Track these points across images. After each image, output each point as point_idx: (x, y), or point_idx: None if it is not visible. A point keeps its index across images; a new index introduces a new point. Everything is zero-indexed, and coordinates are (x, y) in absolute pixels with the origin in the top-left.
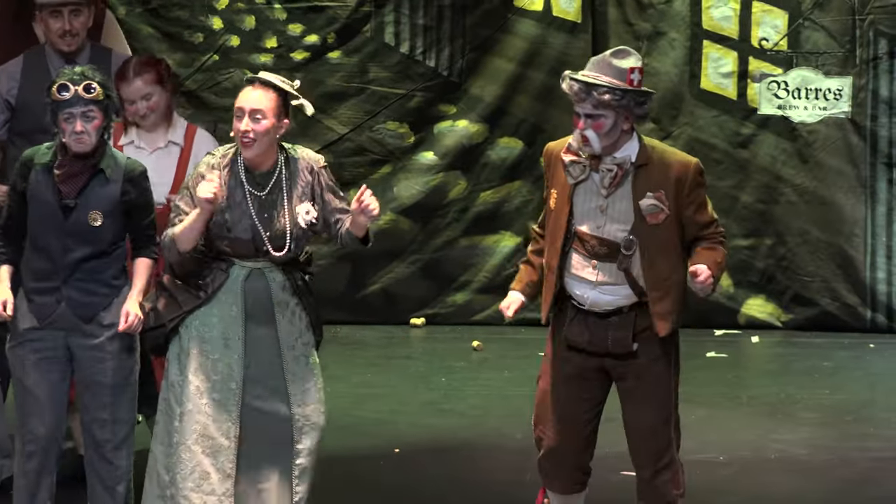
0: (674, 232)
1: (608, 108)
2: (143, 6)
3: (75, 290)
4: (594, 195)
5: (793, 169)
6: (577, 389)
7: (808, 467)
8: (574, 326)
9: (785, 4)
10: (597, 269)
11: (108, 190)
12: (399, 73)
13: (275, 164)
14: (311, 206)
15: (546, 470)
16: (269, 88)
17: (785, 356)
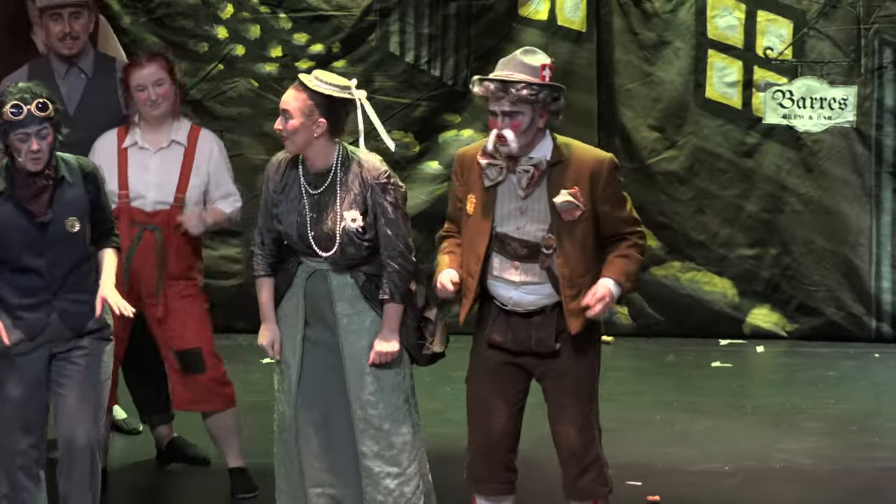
0: (590, 229)
1: (525, 104)
2: (148, 16)
3: (66, 301)
4: (512, 197)
5: (797, 178)
6: (502, 387)
7: (812, 477)
8: (497, 326)
9: (790, 14)
10: (519, 269)
11: (73, 194)
12: (404, 83)
13: (330, 165)
14: (358, 216)
15: (476, 473)
16: (301, 89)
17: (790, 366)
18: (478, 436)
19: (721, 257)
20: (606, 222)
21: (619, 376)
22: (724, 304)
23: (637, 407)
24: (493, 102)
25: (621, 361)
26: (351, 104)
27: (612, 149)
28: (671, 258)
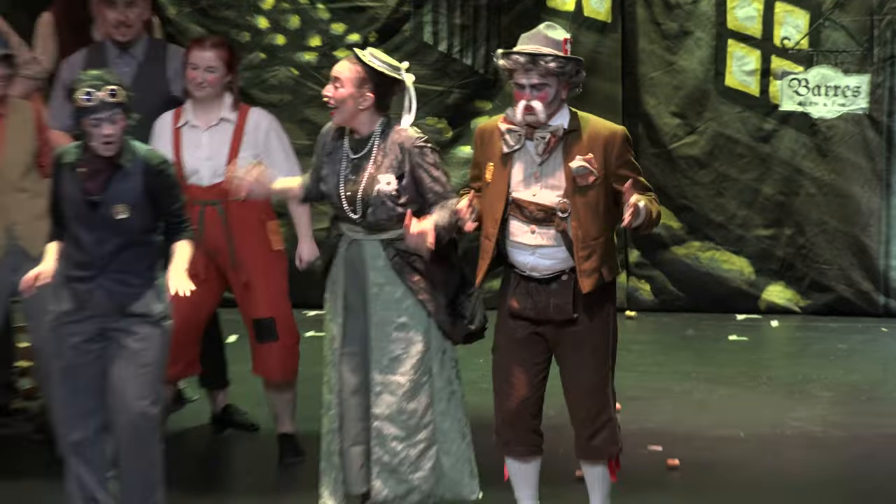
0: (602, 194)
1: (552, 77)
2: (192, 6)
3: (110, 280)
4: (529, 163)
5: (812, 163)
6: (525, 356)
7: (822, 443)
8: (517, 293)
9: (806, 4)
10: (535, 233)
11: (129, 183)
12: (437, 71)
13: (371, 132)
14: (392, 179)
15: (504, 438)
16: (355, 61)
17: (802, 339)
18: (503, 403)
19: (738, 237)
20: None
21: (642, 349)
22: (741, 282)
23: (658, 377)
24: (521, 75)
25: (644, 335)
26: (398, 85)
27: (636, 135)
28: (691, 238)
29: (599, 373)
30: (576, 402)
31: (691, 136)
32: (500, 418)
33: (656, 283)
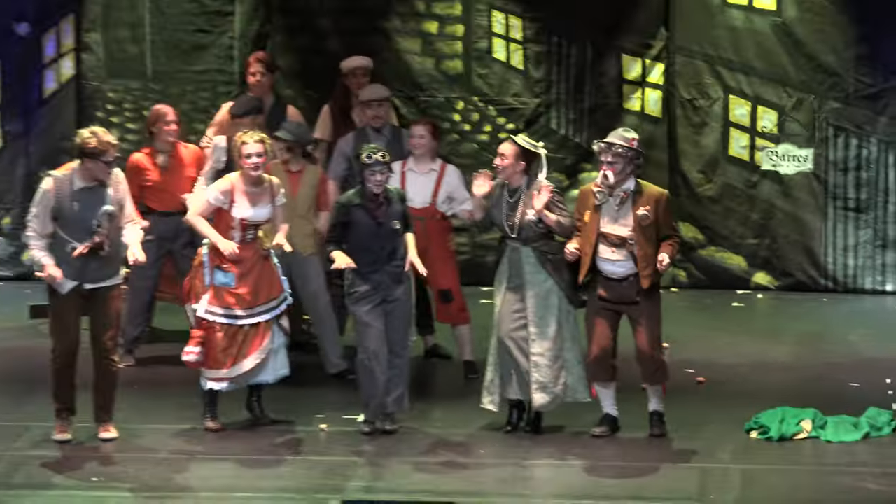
0: (653, 232)
1: (620, 158)
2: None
3: (389, 267)
4: (611, 210)
5: (780, 200)
6: (605, 320)
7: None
8: (603, 287)
9: (776, 107)
10: (614, 252)
11: (396, 207)
12: (560, 146)
13: (520, 185)
14: (534, 211)
15: (594, 371)
16: (513, 143)
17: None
18: (592, 349)
19: (737, 244)
20: (662, 228)
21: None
22: (739, 271)
23: (690, 328)
24: (603, 154)
25: (681, 303)
26: (537, 157)
27: (676, 184)
28: (709, 244)
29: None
30: (641, 350)
31: (709, 184)
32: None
33: (689, 271)
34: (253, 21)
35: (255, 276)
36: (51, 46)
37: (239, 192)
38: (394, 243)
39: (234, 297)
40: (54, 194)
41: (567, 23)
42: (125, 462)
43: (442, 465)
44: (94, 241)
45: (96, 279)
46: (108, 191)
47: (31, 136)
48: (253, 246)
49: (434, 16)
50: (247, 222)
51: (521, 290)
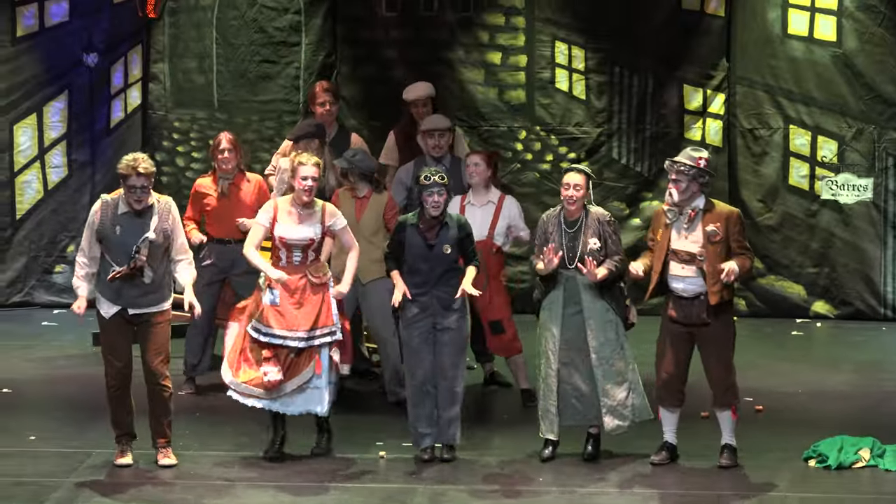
0: (723, 248)
1: (684, 176)
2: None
3: (439, 290)
4: (680, 228)
5: (839, 230)
6: (677, 345)
7: (848, 396)
8: (675, 306)
9: (836, 137)
10: (684, 269)
11: (450, 233)
12: (620, 174)
13: (579, 216)
14: (596, 240)
15: (661, 395)
16: (581, 173)
17: (836, 334)
18: (661, 374)
19: (797, 273)
20: (733, 246)
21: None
22: (799, 300)
23: (749, 357)
24: (669, 172)
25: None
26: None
27: None
28: (769, 273)
29: (726, 356)
30: (712, 374)
31: (769, 213)
32: (659, 383)
33: (748, 300)
34: (318, 52)
35: (300, 300)
36: (118, 77)
37: (283, 211)
38: (444, 267)
39: (276, 317)
40: (99, 217)
41: (629, 53)
42: (184, 489)
43: (500, 494)
44: (131, 267)
45: (140, 305)
46: (154, 218)
47: (96, 165)
48: (301, 270)
49: (498, 46)
50: (286, 241)
51: (580, 318)
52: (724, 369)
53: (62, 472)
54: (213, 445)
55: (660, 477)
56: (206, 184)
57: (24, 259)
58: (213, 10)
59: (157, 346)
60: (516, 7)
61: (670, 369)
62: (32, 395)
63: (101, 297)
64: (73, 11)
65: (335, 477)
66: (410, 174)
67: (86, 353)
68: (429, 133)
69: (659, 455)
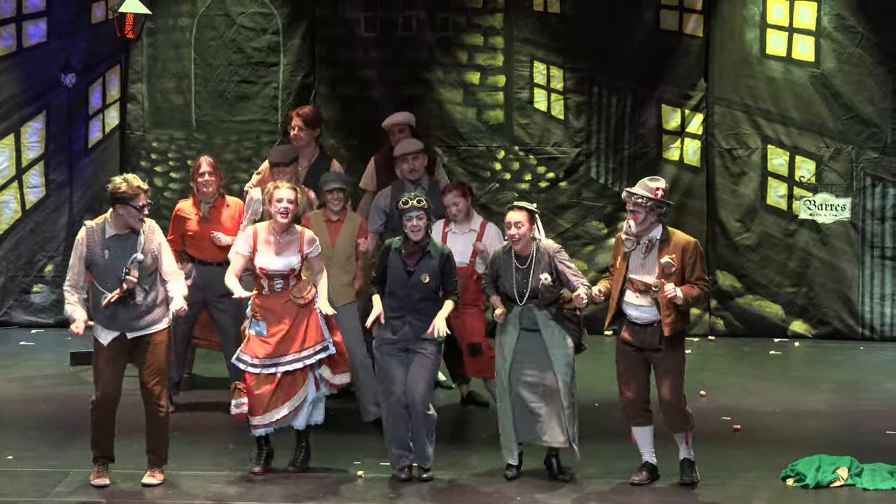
0: (678, 279)
1: (642, 208)
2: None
3: (415, 318)
4: (637, 258)
5: (817, 249)
6: (634, 366)
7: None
8: (629, 332)
9: (813, 156)
10: (639, 298)
11: (432, 263)
12: (599, 195)
13: (529, 252)
14: (547, 276)
15: (628, 413)
16: (521, 210)
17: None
18: (625, 394)
19: (775, 293)
20: (689, 276)
21: (718, 360)
22: (777, 319)
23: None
24: (627, 203)
25: (719, 351)
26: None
27: (714, 233)
28: (747, 293)
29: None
30: (663, 397)
31: (747, 233)
32: (624, 403)
33: (726, 319)
34: (297, 72)
35: (286, 325)
36: (96, 97)
37: (262, 240)
38: (421, 295)
39: (263, 346)
40: (86, 244)
41: (607, 73)
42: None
43: None
44: (123, 289)
45: (137, 328)
46: (140, 239)
47: (74, 186)
48: (284, 295)
49: (476, 66)
50: (266, 271)
51: (538, 340)
52: (674, 395)
53: (39, 492)
54: (191, 465)
55: (638, 496)
56: (186, 207)
57: (1, 279)
58: (192, 30)
59: (154, 367)
60: (495, 27)
61: (631, 389)
62: (10, 414)
63: (98, 324)
64: (51, 32)
65: (314, 496)
66: (389, 199)
67: (63, 372)
68: (402, 158)
69: (640, 475)
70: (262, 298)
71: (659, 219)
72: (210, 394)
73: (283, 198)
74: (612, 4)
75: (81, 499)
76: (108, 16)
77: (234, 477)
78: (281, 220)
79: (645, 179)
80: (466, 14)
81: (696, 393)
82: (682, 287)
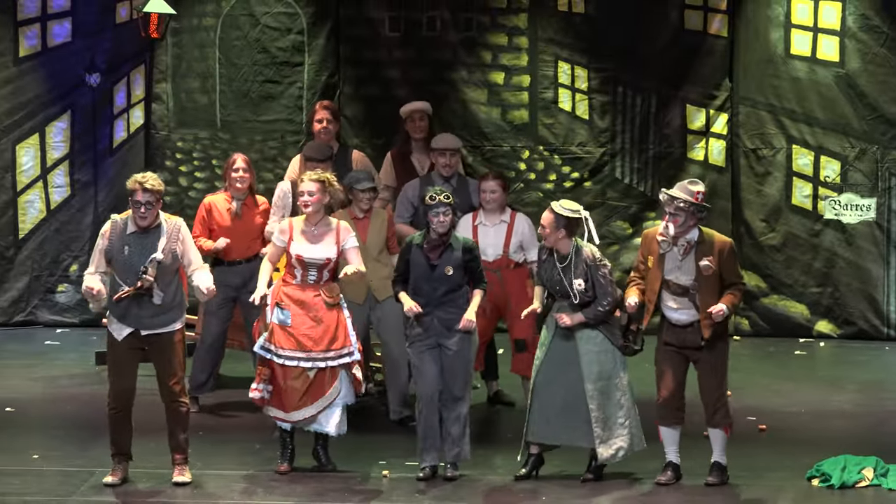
0: (717, 281)
1: (682, 211)
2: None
3: (442, 311)
4: (674, 260)
5: (842, 249)
6: (673, 365)
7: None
8: (669, 333)
9: (839, 157)
10: (677, 301)
11: (454, 255)
12: (624, 194)
13: (569, 252)
14: (582, 282)
15: (661, 413)
16: (552, 211)
17: (838, 353)
18: (661, 394)
19: (800, 292)
20: (726, 277)
21: (743, 360)
22: (802, 319)
23: (751, 377)
24: (667, 207)
25: (743, 352)
26: (579, 221)
27: (739, 233)
28: (772, 293)
29: (718, 376)
30: (705, 393)
31: (772, 233)
32: (659, 402)
33: (751, 319)
34: (321, 72)
35: (315, 319)
36: (121, 97)
37: (298, 231)
38: (447, 288)
39: (291, 338)
40: (108, 237)
41: (632, 73)
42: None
43: None
44: (137, 287)
45: (152, 326)
46: (162, 238)
47: (99, 185)
48: (315, 289)
49: (501, 66)
50: (303, 259)
51: (573, 345)
52: (715, 391)
53: (65, 491)
54: (216, 465)
55: (663, 496)
56: (216, 202)
57: (26, 278)
58: (216, 30)
59: (171, 366)
60: (519, 27)
61: (668, 388)
62: (35, 414)
63: (112, 316)
64: (76, 32)
65: (338, 496)
66: (417, 191)
67: (88, 372)
68: (440, 152)
69: (665, 475)
70: (292, 288)
71: (697, 223)
72: (235, 394)
73: (304, 190)
74: (637, 4)
75: (107, 498)
76: (133, 15)
77: (260, 477)
78: (305, 211)
79: (685, 182)
80: (491, 14)
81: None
82: (724, 297)
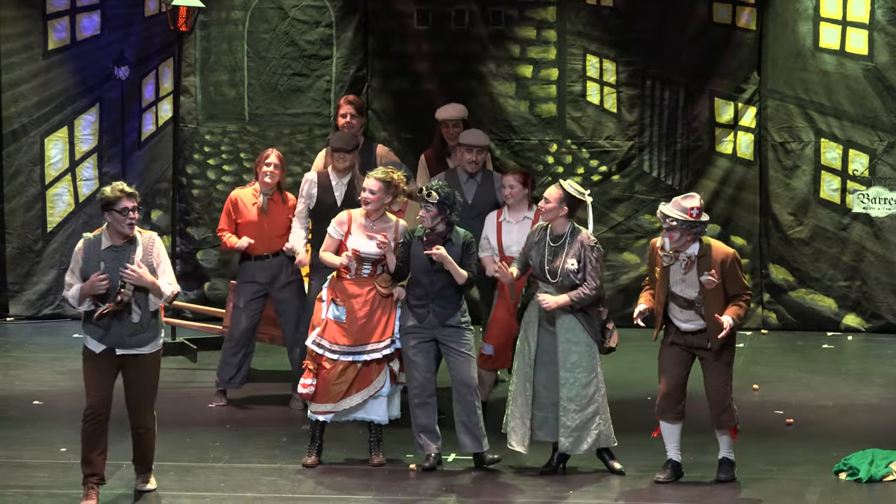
0: (721, 292)
1: (675, 229)
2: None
3: (438, 305)
4: (678, 272)
5: (870, 243)
6: (678, 361)
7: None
8: (675, 335)
9: (867, 150)
10: (683, 311)
11: (454, 249)
12: (652, 188)
13: (564, 232)
14: (575, 263)
15: (662, 408)
16: (559, 188)
17: (866, 347)
18: (662, 386)
19: (828, 286)
20: (730, 288)
21: (771, 353)
22: (830, 313)
23: (780, 369)
24: (662, 223)
25: (772, 345)
26: (581, 204)
27: (767, 226)
28: (800, 286)
29: (724, 376)
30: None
31: (800, 227)
32: (660, 396)
33: (779, 313)
34: (350, 65)
35: (368, 313)
36: (150, 90)
37: (356, 224)
38: (444, 282)
39: (343, 334)
40: (82, 255)
41: (660, 66)
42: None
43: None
44: (117, 301)
45: (129, 345)
46: (137, 250)
47: (127, 178)
48: (369, 283)
49: (529, 60)
50: (359, 254)
51: (553, 334)
52: (721, 392)
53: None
54: (244, 458)
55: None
56: (243, 195)
57: (54, 272)
58: (245, 23)
59: (143, 389)
60: (548, 21)
61: (670, 382)
62: (63, 407)
63: (89, 336)
64: (105, 25)
65: (366, 488)
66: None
67: None
68: (467, 148)
69: (664, 472)
70: (346, 282)
71: (694, 238)
72: (264, 387)
73: (366, 187)
74: None
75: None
76: (162, 9)
77: (286, 471)
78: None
79: (679, 198)
80: (519, 7)
81: (748, 387)
82: (729, 310)
